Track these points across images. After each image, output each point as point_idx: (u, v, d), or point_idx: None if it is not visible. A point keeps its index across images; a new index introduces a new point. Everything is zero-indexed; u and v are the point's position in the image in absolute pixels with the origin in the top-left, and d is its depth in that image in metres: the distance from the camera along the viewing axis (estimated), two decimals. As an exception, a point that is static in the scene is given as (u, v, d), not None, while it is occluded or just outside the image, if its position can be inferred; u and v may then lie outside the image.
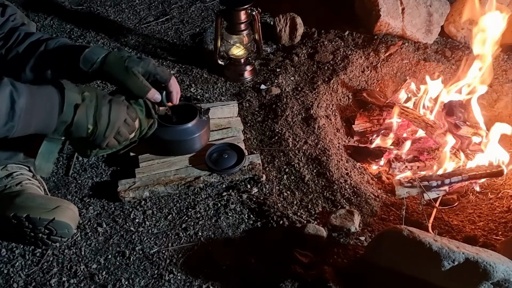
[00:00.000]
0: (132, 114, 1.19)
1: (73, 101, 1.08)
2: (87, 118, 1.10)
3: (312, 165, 1.64)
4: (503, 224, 1.50)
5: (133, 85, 1.22)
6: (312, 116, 1.81)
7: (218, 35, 1.95)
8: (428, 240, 1.16)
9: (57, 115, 1.07)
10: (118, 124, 1.15)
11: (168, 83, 1.30)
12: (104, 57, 1.22)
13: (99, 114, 1.11)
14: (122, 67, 1.21)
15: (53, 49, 1.26)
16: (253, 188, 1.55)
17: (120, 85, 1.24)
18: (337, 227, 1.41)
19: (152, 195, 1.51)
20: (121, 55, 1.24)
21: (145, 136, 1.30)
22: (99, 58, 1.21)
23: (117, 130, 1.16)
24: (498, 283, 1.13)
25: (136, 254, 1.36)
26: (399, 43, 2.13)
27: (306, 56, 2.10)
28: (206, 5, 2.44)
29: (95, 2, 2.42)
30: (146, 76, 1.25)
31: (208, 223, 1.45)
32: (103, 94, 1.15)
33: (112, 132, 1.15)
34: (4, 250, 1.36)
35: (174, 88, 1.32)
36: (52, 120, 1.07)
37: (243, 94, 1.92)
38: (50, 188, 1.53)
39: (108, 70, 1.22)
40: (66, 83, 1.09)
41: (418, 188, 1.60)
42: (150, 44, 2.17)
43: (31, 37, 1.27)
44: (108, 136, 1.15)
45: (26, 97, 1.02)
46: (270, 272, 1.29)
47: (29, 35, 1.27)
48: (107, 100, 1.14)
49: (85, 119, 1.10)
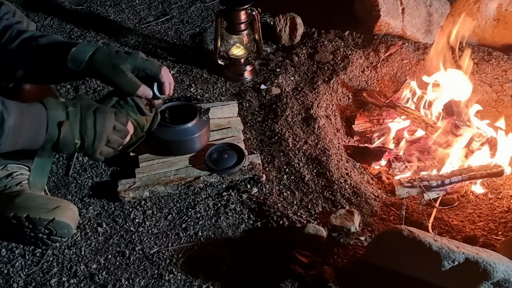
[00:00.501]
0: (122, 119, 1.16)
1: (56, 120, 1.06)
2: (73, 134, 1.09)
3: (312, 165, 1.64)
4: (503, 224, 1.50)
5: (122, 83, 1.19)
6: (312, 116, 1.81)
7: (218, 35, 1.95)
8: (428, 240, 1.16)
9: (44, 134, 1.06)
10: (106, 134, 1.12)
11: (159, 75, 1.24)
12: (92, 55, 1.18)
13: (84, 128, 1.09)
14: (109, 65, 1.18)
15: (41, 46, 1.22)
16: (253, 188, 1.55)
17: (109, 83, 1.21)
18: (337, 227, 1.41)
19: (152, 195, 1.51)
20: (109, 51, 1.20)
21: (150, 129, 1.28)
22: (86, 57, 1.18)
23: (106, 139, 1.13)
24: (498, 283, 1.13)
25: (136, 254, 1.36)
26: (399, 43, 2.13)
27: (306, 56, 2.10)
28: (206, 5, 2.44)
29: (95, 2, 2.42)
30: (135, 72, 1.21)
31: (208, 223, 1.45)
32: (88, 105, 1.13)
33: (101, 143, 1.12)
34: (4, 250, 1.36)
35: (165, 79, 1.26)
36: (39, 138, 1.06)
37: (243, 94, 1.92)
38: (50, 188, 1.53)
39: (96, 69, 1.19)
40: (48, 101, 1.08)
41: (418, 188, 1.60)
42: (150, 44, 2.17)
43: (23, 35, 1.24)
44: (98, 147, 1.13)
45: (15, 116, 1.01)
46: (270, 272, 1.29)
47: (21, 33, 1.24)
48: (91, 111, 1.11)
49: (71, 135, 1.08)
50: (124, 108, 1.20)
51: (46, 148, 1.09)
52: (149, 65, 1.23)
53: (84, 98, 1.17)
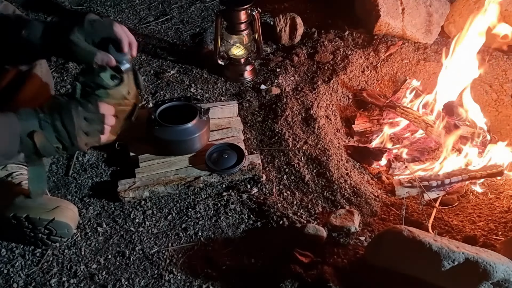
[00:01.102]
0: (89, 107, 1.09)
1: (27, 130, 1.03)
2: (50, 140, 1.05)
3: (312, 165, 1.64)
4: (503, 224, 1.50)
5: (78, 55, 1.11)
6: (312, 116, 1.81)
7: (218, 35, 1.95)
8: (428, 240, 1.16)
9: (18, 144, 1.03)
10: (79, 129, 1.07)
11: (112, 34, 1.12)
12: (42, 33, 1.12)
13: (57, 131, 1.06)
14: (61, 39, 1.10)
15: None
16: (253, 188, 1.55)
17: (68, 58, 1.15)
18: (337, 227, 1.41)
19: (152, 195, 1.51)
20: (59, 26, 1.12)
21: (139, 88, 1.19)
22: (37, 36, 1.11)
23: (83, 134, 1.08)
24: (498, 283, 1.13)
25: (136, 254, 1.36)
26: (399, 43, 2.13)
27: (306, 56, 2.10)
28: (206, 5, 2.44)
29: (95, 2, 2.42)
30: (89, 40, 1.11)
31: (208, 223, 1.45)
32: (54, 107, 1.07)
33: (79, 139, 1.08)
34: (4, 250, 1.36)
35: (120, 35, 1.14)
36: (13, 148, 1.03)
37: (243, 94, 1.92)
38: (50, 188, 1.53)
39: (50, 47, 1.13)
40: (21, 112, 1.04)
41: (418, 188, 1.60)
42: (150, 44, 2.17)
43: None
44: (79, 143, 1.08)
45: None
46: (270, 272, 1.29)
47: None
48: (56, 112, 1.06)
49: (47, 142, 1.05)
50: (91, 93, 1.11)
51: (31, 157, 1.06)
52: (99, 27, 1.12)
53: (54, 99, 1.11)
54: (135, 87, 1.18)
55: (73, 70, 1.97)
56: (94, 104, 1.09)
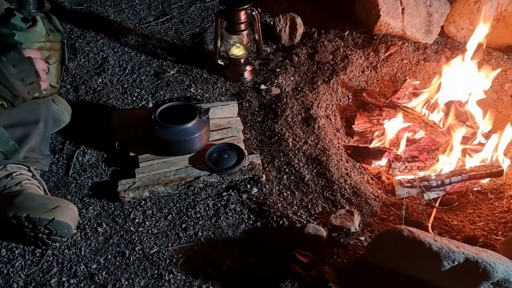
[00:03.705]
0: (12, 54, 1.10)
1: None
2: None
3: (312, 165, 1.64)
4: (503, 224, 1.50)
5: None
6: (312, 116, 1.81)
7: (218, 35, 1.95)
8: (428, 240, 1.16)
9: None
10: (13, 77, 1.10)
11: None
12: None
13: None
14: None
15: None
16: (253, 188, 1.55)
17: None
18: (337, 227, 1.41)
19: (152, 195, 1.51)
20: None
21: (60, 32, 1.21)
22: None
23: (18, 80, 1.11)
24: (498, 283, 1.13)
25: (136, 254, 1.36)
26: (399, 43, 2.13)
27: (306, 56, 2.10)
28: (206, 5, 2.44)
29: (95, 2, 2.42)
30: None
31: (208, 223, 1.45)
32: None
33: (18, 87, 1.11)
34: (4, 250, 1.36)
35: None
36: None
37: (243, 94, 1.92)
38: (50, 188, 1.53)
39: None
40: None
41: (418, 188, 1.60)
42: (150, 44, 2.17)
43: None
44: (18, 91, 1.11)
45: None
46: (270, 272, 1.29)
47: None
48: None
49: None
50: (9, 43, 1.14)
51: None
52: None
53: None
54: (54, 29, 1.19)
55: (73, 70, 1.97)
56: (15, 51, 1.12)
